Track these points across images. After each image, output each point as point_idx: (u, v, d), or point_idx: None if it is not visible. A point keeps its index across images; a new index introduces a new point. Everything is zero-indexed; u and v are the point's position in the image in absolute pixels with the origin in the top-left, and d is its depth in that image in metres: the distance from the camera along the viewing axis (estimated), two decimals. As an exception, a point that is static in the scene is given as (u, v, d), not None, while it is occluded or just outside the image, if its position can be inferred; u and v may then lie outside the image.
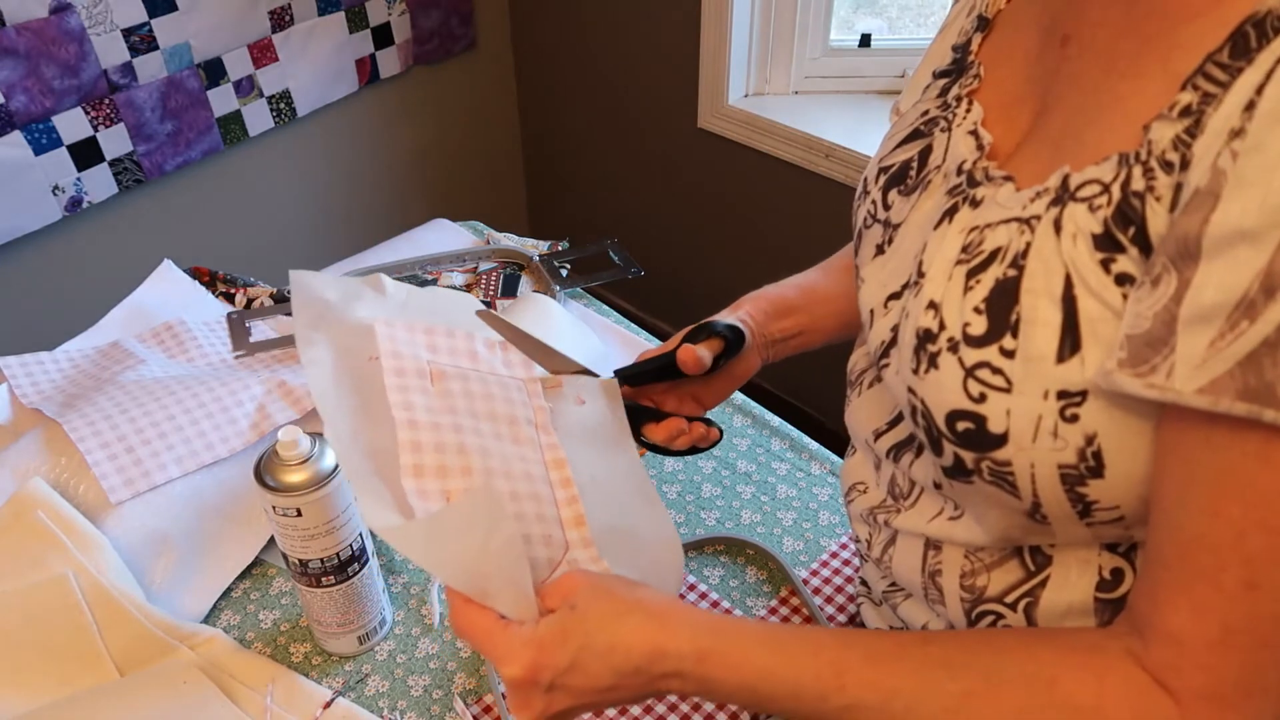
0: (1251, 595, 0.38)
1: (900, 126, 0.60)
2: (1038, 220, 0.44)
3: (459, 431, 0.58)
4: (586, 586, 0.52)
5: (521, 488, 0.58)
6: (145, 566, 0.80)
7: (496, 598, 0.52)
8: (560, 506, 0.59)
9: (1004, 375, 0.43)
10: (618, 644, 0.50)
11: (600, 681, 0.50)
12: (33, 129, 1.47)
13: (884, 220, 0.57)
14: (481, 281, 1.17)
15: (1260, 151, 0.35)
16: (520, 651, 0.50)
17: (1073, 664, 0.45)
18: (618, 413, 0.66)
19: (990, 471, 0.46)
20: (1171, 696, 0.41)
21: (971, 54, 0.56)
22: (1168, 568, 0.41)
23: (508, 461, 0.58)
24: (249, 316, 1.07)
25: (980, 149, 0.51)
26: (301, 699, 0.73)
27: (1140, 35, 0.43)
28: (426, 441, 0.56)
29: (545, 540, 0.56)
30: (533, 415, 0.62)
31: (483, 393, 0.61)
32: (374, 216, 2.10)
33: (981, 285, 0.45)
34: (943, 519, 0.54)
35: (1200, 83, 0.39)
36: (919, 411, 0.48)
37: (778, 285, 0.77)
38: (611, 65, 2.00)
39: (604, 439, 0.65)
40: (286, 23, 1.73)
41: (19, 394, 0.91)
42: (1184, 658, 0.41)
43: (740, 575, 0.85)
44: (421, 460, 0.55)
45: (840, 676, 0.47)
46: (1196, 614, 0.40)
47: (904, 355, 0.50)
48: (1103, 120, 0.44)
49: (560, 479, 0.60)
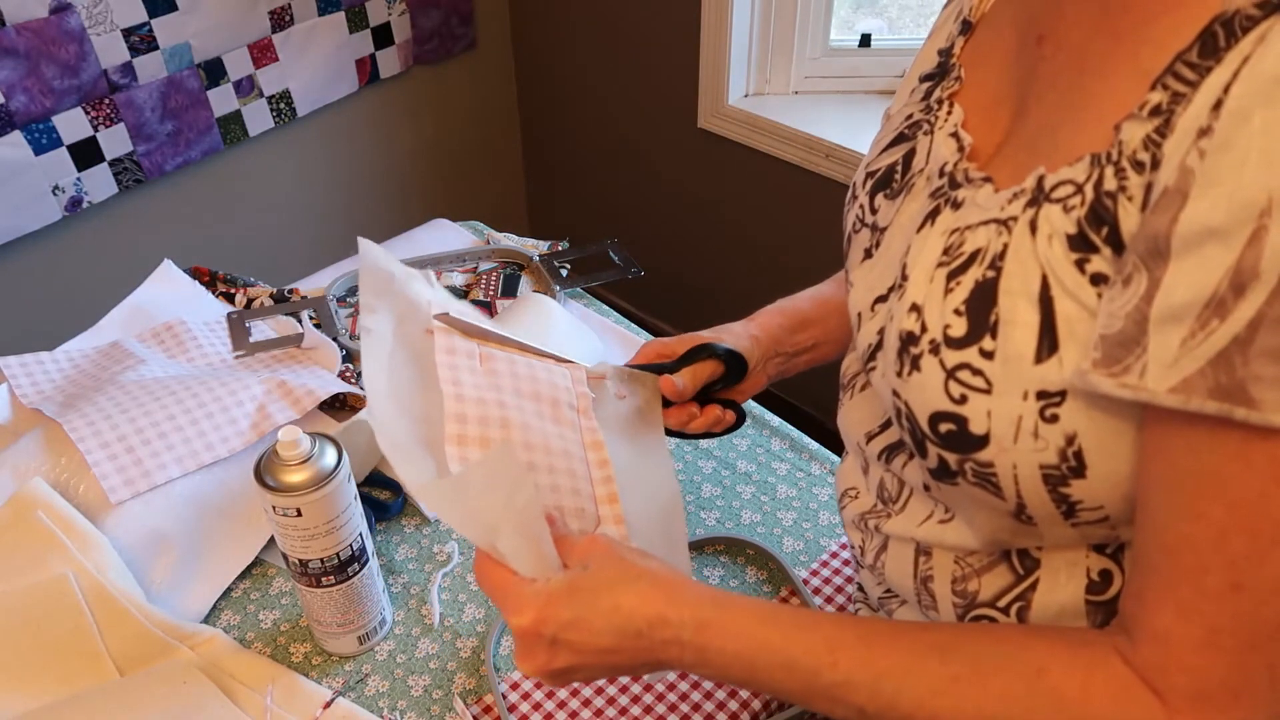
0: (1236, 597, 0.38)
1: (886, 131, 0.60)
2: (1015, 221, 0.44)
3: (503, 408, 0.61)
4: (602, 549, 0.54)
5: (559, 463, 0.61)
6: (145, 566, 0.80)
7: (517, 555, 0.53)
8: (595, 485, 0.62)
9: (984, 376, 0.44)
10: (622, 605, 0.51)
11: (601, 640, 0.51)
12: (33, 129, 1.47)
13: (871, 224, 0.57)
14: (481, 281, 1.17)
15: (1227, 150, 0.35)
16: (529, 602, 0.52)
17: (1062, 656, 0.45)
18: (654, 410, 0.69)
19: (974, 473, 0.46)
20: (1158, 696, 0.41)
21: (954, 57, 0.57)
22: (1154, 570, 0.41)
23: (547, 438, 0.62)
24: (249, 316, 1.07)
25: (961, 151, 0.51)
26: (301, 699, 0.73)
27: (1112, 33, 0.43)
28: (471, 414, 0.60)
29: (578, 513, 0.59)
30: (575, 400, 0.65)
31: (528, 375, 0.65)
32: (374, 216, 2.10)
33: (962, 287, 0.45)
34: (933, 522, 0.55)
35: (1170, 82, 0.39)
36: (903, 414, 0.49)
37: (792, 299, 0.77)
38: (611, 65, 2.00)
39: (639, 433, 0.67)
40: (286, 23, 1.73)
41: (19, 394, 0.91)
42: (1170, 659, 0.41)
43: (740, 575, 0.85)
44: (465, 430, 0.59)
45: (834, 653, 0.48)
46: (1182, 615, 0.40)
47: (888, 358, 0.50)
48: (1076, 120, 0.44)
49: (598, 459, 0.63)
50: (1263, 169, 0.34)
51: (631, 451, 0.66)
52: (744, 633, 0.50)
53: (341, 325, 1.08)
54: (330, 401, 0.97)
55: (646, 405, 0.69)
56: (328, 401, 0.96)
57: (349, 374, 1.01)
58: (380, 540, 0.87)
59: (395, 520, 0.89)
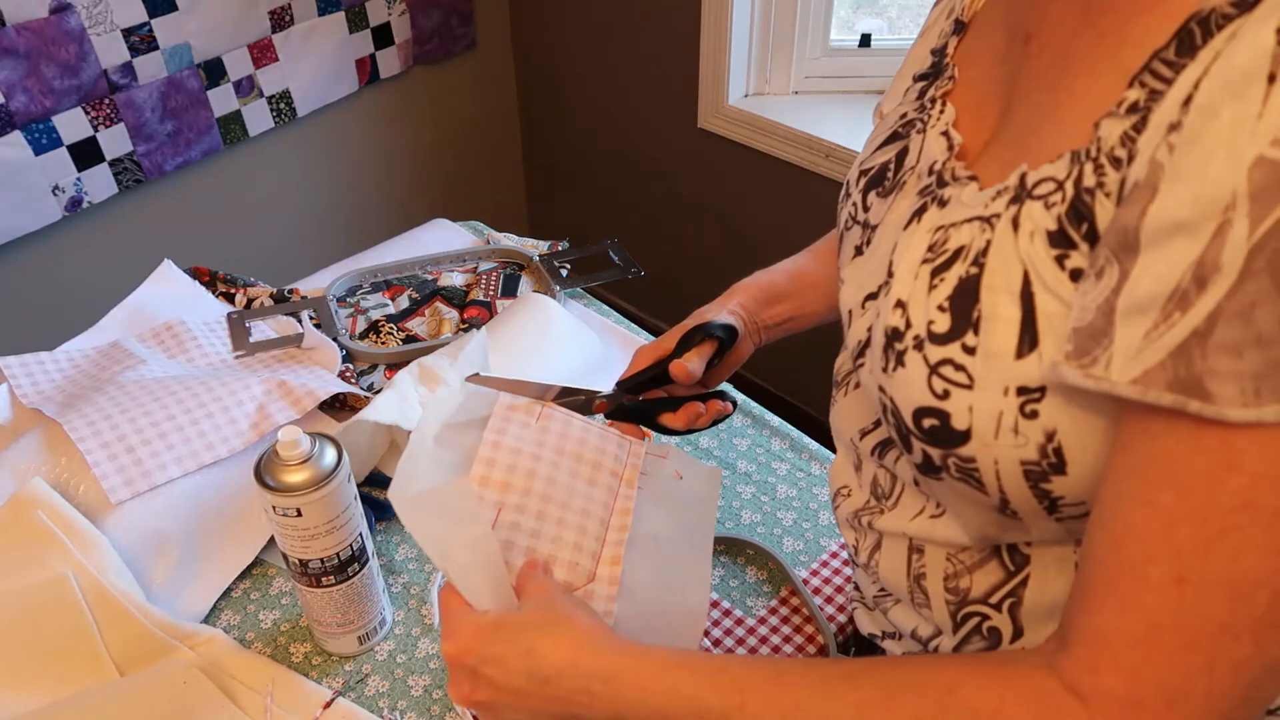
0: (1179, 590, 0.37)
1: (881, 129, 0.61)
2: (997, 219, 0.44)
3: (536, 460, 0.65)
4: (539, 594, 0.56)
5: (571, 518, 0.64)
6: (145, 566, 0.80)
7: (465, 583, 0.57)
8: (606, 546, 0.65)
9: (966, 372, 0.44)
10: (535, 648, 0.52)
11: (515, 681, 0.52)
12: (33, 129, 1.47)
13: (863, 222, 0.58)
14: (481, 281, 1.17)
15: (1195, 144, 0.35)
16: (460, 631, 0.55)
17: (977, 674, 0.44)
18: (711, 504, 0.71)
19: (957, 468, 0.46)
20: (1083, 702, 0.40)
21: (948, 56, 0.57)
22: (1099, 564, 0.41)
23: (571, 494, 0.65)
24: (249, 316, 1.07)
25: (951, 150, 0.51)
26: (301, 699, 0.73)
27: (1095, 31, 0.43)
28: (502, 460, 0.64)
29: (570, 566, 0.62)
30: (620, 468, 0.69)
31: (578, 437, 0.68)
32: (374, 216, 2.10)
33: (945, 283, 0.45)
34: (924, 517, 0.55)
35: (1147, 80, 0.39)
36: (889, 409, 0.49)
37: (768, 272, 0.79)
38: (611, 65, 2.00)
39: (685, 512, 0.70)
40: (286, 23, 1.73)
41: (19, 394, 0.91)
42: (1103, 656, 0.40)
43: (740, 575, 0.85)
44: (490, 474, 0.63)
45: (742, 693, 0.48)
46: (1122, 609, 0.39)
47: (875, 354, 0.50)
48: (1060, 118, 0.44)
49: (619, 524, 0.66)
50: (1229, 164, 0.34)
51: (667, 524, 0.68)
52: (653, 682, 0.50)
53: (341, 325, 1.08)
54: (330, 401, 0.97)
55: (704, 495, 0.71)
56: (328, 401, 0.96)
57: (349, 374, 1.01)
58: (380, 540, 0.87)
59: (395, 520, 0.89)
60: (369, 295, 1.15)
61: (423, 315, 1.12)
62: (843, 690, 0.47)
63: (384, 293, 1.15)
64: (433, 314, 1.12)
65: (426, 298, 1.14)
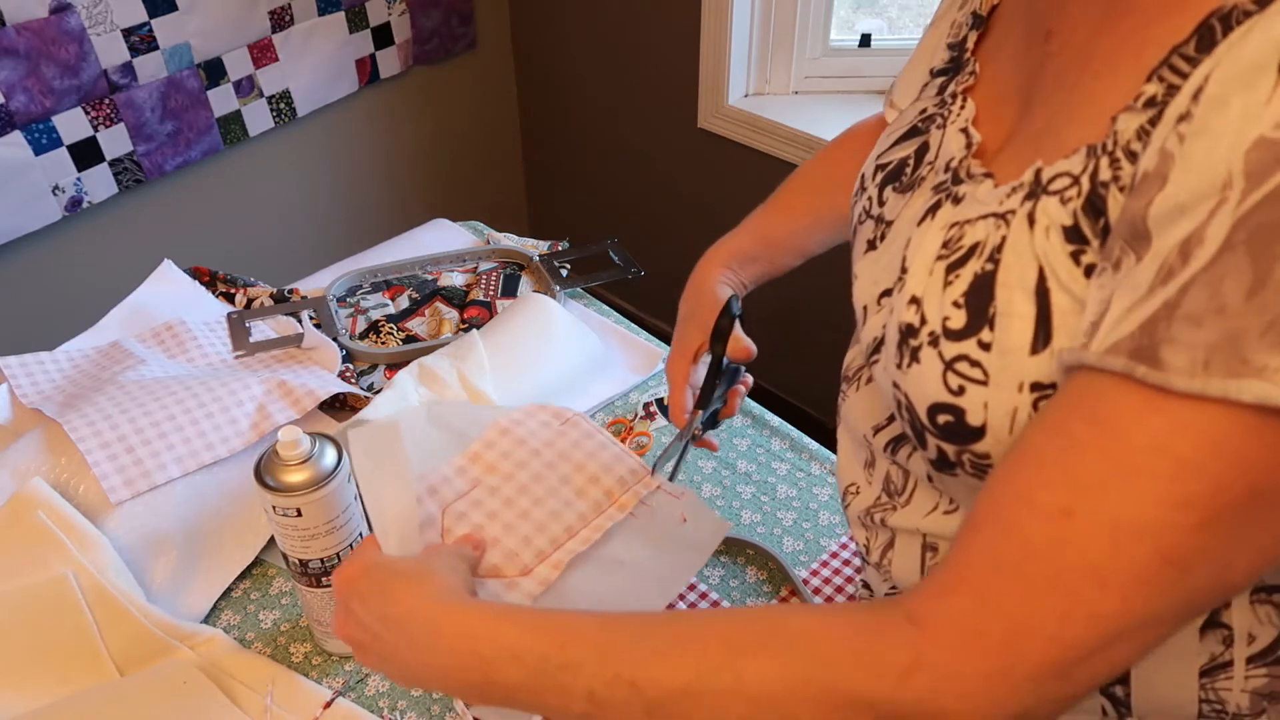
0: (1063, 522, 0.36)
1: (899, 124, 0.60)
2: (1013, 215, 0.44)
3: (536, 455, 0.67)
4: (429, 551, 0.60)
5: (535, 515, 0.66)
6: (145, 566, 0.80)
7: (381, 527, 0.59)
8: (557, 550, 0.66)
9: (981, 368, 0.44)
10: (390, 591, 0.54)
11: (371, 621, 0.54)
12: (33, 129, 1.47)
13: (878, 216, 0.58)
14: (481, 281, 1.17)
15: (1204, 134, 0.35)
16: (350, 564, 0.58)
17: (807, 608, 0.45)
18: (703, 554, 0.72)
19: (971, 464, 0.46)
20: (917, 626, 0.39)
21: (968, 51, 0.57)
22: (989, 492, 0.40)
23: (550, 496, 0.67)
24: (249, 316, 1.07)
25: (969, 146, 0.51)
26: (301, 699, 0.73)
27: (1116, 34, 0.43)
28: (502, 445, 0.66)
29: (510, 555, 0.64)
30: (620, 492, 0.71)
31: (590, 450, 0.70)
32: (374, 216, 2.10)
33: (961, 280, 0.45)
34: (938, 513, 0.54)
35: (1165, 74, 0.39)
36: (903, 405, 0.49)
37: (731, 237, 0.82)
38: (611, 65, 2.00)
39: (670, 555, 0.71)
40: (286, 23, 1.73)
41: (19, 394, 0.91)
42: (962, 579, 0.39)
43: (740, 575, 0.85)
44: (484, 453, 0.65)
45: (563, 637, 0.47)
46: (999, 533, 0.38)
47: (889, 350, 0.50)
48: (1079, 117, 0.44)
49: (584, 537, 0.68)
50: (1232, 148, 0.34)
51: (651, 558, 0.69)
52: (479, 629, 0.50)
53: (341, 325, 1.08)
54: (330, 401, 0.97)
55: (700, 544, 0.72)
56: (328, 401, 0.96)
57: (349, 374, 1.01)
58: (380, 540, 0.87)
59: (395, 520, 0.89)
60: (369, 295, 1.15)
61: (423, 315, 1.12)
62: (662, 628, 0.46)
63: (384, 293, 1.15)
64: (433, 314, 1.12)
65: (426, 298, 1.14)
